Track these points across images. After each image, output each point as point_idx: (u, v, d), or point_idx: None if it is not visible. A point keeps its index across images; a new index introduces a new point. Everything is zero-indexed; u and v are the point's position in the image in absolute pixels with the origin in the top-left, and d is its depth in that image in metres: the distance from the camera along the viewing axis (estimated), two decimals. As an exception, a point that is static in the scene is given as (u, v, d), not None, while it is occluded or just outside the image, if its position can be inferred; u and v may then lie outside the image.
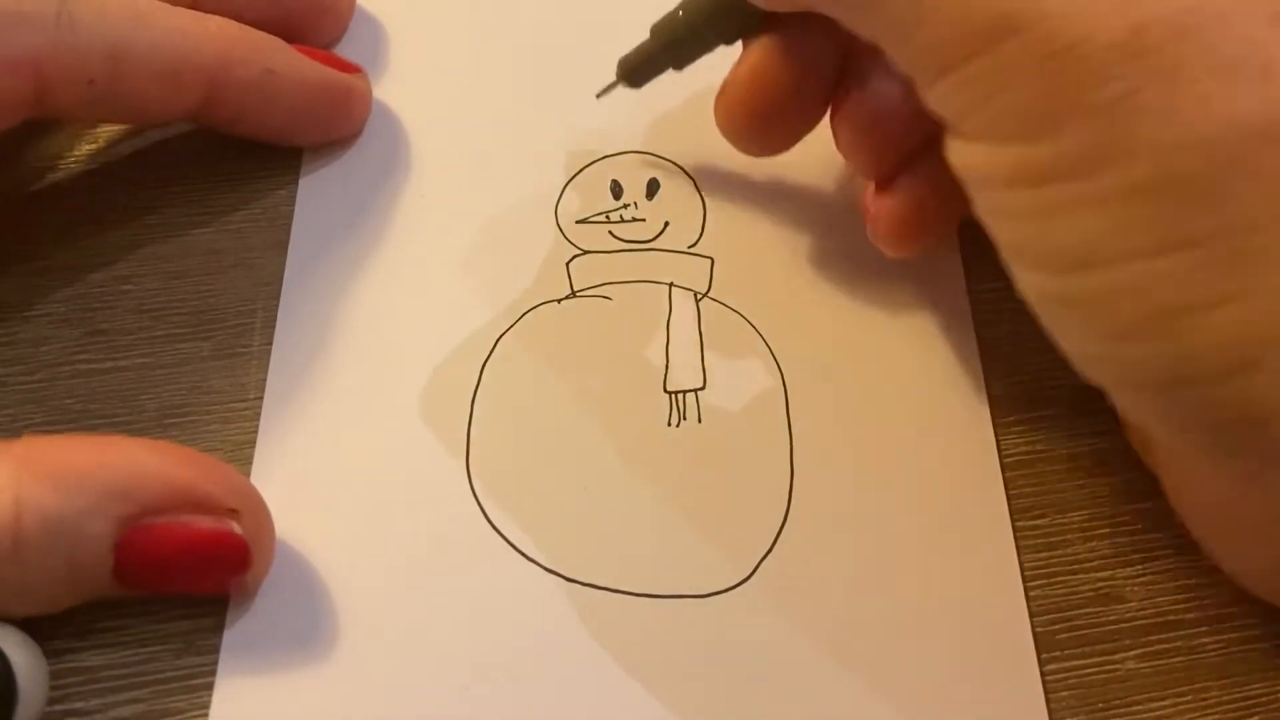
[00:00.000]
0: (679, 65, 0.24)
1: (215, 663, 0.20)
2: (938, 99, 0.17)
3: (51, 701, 0.19)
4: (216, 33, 0.23)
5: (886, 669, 0.20)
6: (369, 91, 0.26)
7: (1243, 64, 0.14)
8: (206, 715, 0.19)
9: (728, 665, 0.20)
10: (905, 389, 0.23)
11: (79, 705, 0.19)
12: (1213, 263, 0.14)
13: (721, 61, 0.23)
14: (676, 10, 0.23)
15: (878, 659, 0.20)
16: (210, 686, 0.19)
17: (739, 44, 0.22)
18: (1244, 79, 0.14)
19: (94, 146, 0.26)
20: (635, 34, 0.24)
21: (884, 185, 0.22)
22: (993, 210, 0.17)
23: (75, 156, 0.26)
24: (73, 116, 0.25)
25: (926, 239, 0.22)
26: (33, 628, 0.18)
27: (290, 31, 0.25)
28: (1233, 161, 0.14)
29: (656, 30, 0.24)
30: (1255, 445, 0.15)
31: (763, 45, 0.21)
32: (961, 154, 0.17)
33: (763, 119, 0.22)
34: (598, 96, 0.25)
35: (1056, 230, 0.15)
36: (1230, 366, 0.14)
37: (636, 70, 0.24)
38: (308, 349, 0.23)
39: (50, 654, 0.19)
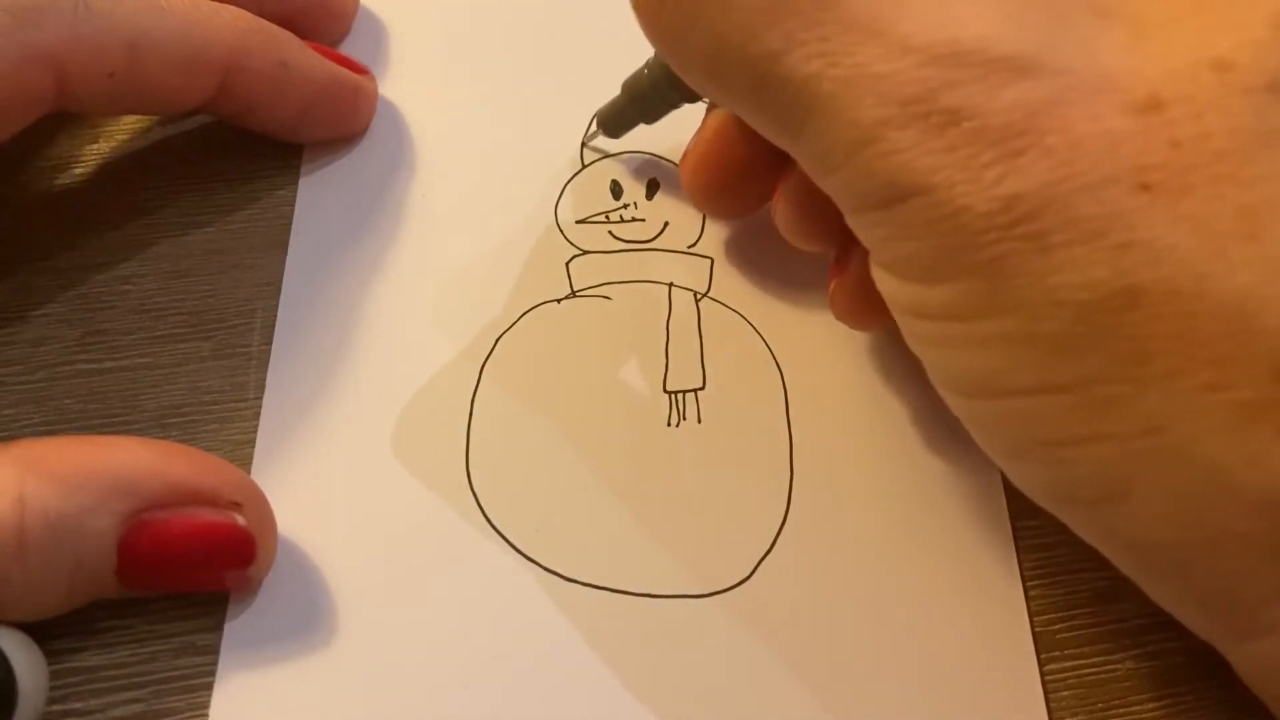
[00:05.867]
0: (649, 120, 0.24)
1: (215, 663, 0.20)
2: (853, 227, 0.18)
3: (51, 701, 0.19)
4: (232, 22, 0.23)
5: (886, 669, 0.20)
6: (376, 93, 0.26)
7: (1102, 234, 0.15)
8: (206, 715, 0.19)
9: (728, 665, 0.20)
10: (905, 389, 0.23)
11: (79, 705, 0.19)
12: (1079, 407, 0.15)
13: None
14: (643, 68, 0.23)
15: (877, 659, 0.20)
16: (210, 686, 0.19)
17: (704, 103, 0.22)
18: (1102, 248, 0.15)
19: (94, 146, 0.26)
20: (636, 34, 0.24)
21: (840, 262, 0.21)
22: (904, 330, 0.18)
23: (75, 157, 0.26)
24: (91, 110, 0.24)
25: (887, 319, 0.20)
26: (33, 628, 0.18)
27: (294, 30, 0.25)
28: (1088, 323, 0.15)
29: (626, 86, 0.24)
30: (1142, 564, 0.17)
31: (720, 114, 0.22)
32: (877, 277, 0.18)
33: (720, 185, 0.23)
34: (583, 146, 0.26)
35: (952, 360, 0.17)
36: (1103, 495, 0.16)
37: (610, 123, 0.25)
38: (308, 349, 0.23)
39: (50, 654, 0.19)
